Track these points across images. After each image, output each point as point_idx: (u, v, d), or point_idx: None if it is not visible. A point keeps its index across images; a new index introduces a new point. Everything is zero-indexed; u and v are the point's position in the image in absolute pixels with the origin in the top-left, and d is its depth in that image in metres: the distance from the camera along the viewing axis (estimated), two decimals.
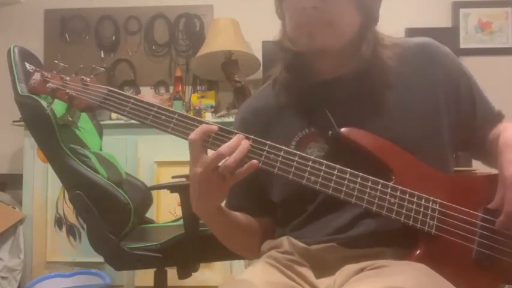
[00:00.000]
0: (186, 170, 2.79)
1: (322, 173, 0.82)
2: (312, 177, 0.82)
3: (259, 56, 2.89)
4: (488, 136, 0.97)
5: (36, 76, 0.93)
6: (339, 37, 0.88)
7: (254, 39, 2.96)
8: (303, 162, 0.83)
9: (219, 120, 2.61)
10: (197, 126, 0.84)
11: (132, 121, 2.88)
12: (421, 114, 0.90)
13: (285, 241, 0.94)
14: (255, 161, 0.80)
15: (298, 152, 0.83)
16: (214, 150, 0.82)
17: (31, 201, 2.62)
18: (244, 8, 3.09)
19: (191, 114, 2.79)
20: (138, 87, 3.14)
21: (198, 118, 0.86)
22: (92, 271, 2.49)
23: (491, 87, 1.00)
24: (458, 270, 0.82)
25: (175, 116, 0.86)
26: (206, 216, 0.92)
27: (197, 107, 2.84)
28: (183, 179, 1.88)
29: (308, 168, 0.82)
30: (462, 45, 3.07)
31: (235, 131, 0.84)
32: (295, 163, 0.82)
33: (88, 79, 0.92)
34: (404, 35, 2.95)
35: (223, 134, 0.84)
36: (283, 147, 0.83)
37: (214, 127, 0.83)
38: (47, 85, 0.92)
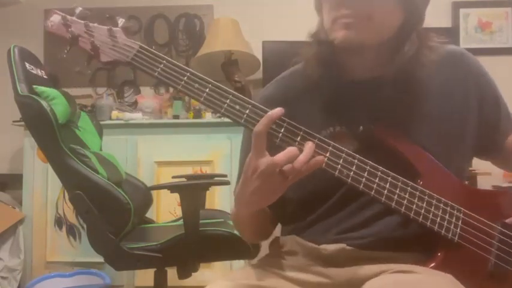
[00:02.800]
0: (186, 170, 2.78)
1: (354, 168, 0.80)
2: (345, 171, 0.79)
3: (259, 56, 2.89)
4: (504, 142, 0.97)
5: (55, 18, 0.81)
6: (378, 33, 0.84)
7: (254, 39, 2.95)
8: (337, 153, 0.79)
9: (219, 120, 2.61)
10: (232, 100, 0.78)
11: (132, 121, 2.87)
12: (451, 125, 0.90)
13: (290, 240, 0.93)
14: (321, 158, 0.76)
15: (332, 143, 0.79)
16: (281, 145, 0.77)
17: (31, 201, 2.62)
18: (244, 8, 3.09)
19: (191, 115, 2.80)
20: (138, 87, 3.14)
21: (233, 91, 0.79)
22: (92, 271, 2.49)
23: None
24: (473, 279, 0.81)
25: (209, 86, 0.79)
26: (248, 212, 0.86)
27: (197, 107, 2.84)
28: (183, 179, 1.88)
29: (341, 161, 0.79)
30: (462, 45, 3.06)
31: (302, 128, 0.79)
32: (328, 153, 0.79)
33: (116, 30, 0.81)
34: None
35: (290, 129, 0.78)
36: (317, 135, 0.79)
37: (278, 111, 0.75)
38: (69, 30, 0.80)
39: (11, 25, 3.24)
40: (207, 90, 0.79)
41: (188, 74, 0.79)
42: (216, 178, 2.21)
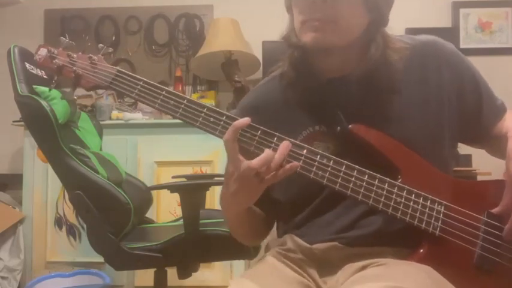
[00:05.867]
0: (186, 170, 2.78)
1: (329, 169, 0.82)
2: (320, 172, 0.82)
3: (259, 56, 2.89)
4: (493, 129, 0.97)
5: (42, 52, 0.89)
6: (344, 35, 0.87)
7: (254, 39, 2.96)
8: (311, 156, 0.82)
9: None
10: (206, 114, 0.83)
11: (132, 121, 2.87)
12: (424, 118, 0.90)
13: (289, 239, 0.94)
14: (296, 163, 0.79)
15: (307, 146, 0.82)
16: (254, 151, 0.81)
17: (31, 201, 2.62)
18: (244, 8, 3.09)
19: None
20: None
21: (207, 105, 0.84)
22: (92, 271, 2.49)
23: (491, 87, 1.00)
24: (459, 273, 0.82)
25: (184, 102, 0.84)
26: (233, 213, 0.91)
27: None
28: (183, 179, 1.88)
29: (316, 163, 0.82)
30: (462, 45, 3.07)
31: (276, 134, 0.82)
32: (303, 157, 0.81)
33: (96, 58, 0.89)
34: None
35: (264, 137, 0.82)
36: (292, 140, 0.82)
37: (245, 121, 0.80)
38: (54, 61, 0.88)
39: (11, 25, 3.24)
40: (182, 106, 0.83)
41: (164, 92, 0.84)
42: (216, 178, 2.21)
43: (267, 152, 0.78)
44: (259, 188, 0.81)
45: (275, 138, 0.82)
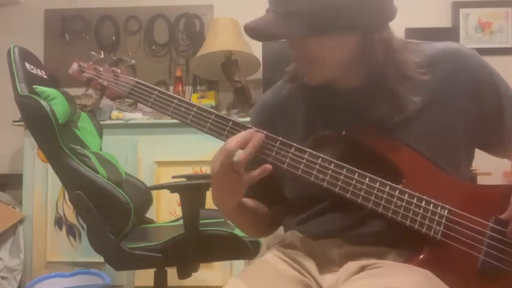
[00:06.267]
0: (186, 170, 2.77)
1: (330, 172, 0.84)
2: (320, 175, 0.84)
3: (259, 56, 2.89)
4: None
5: (75, 66, 1.01)
6: (334, 67, 0.88)
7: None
8: (312, 160, 0.84)
9: None
10: (213, 120, 0.88)
11: (132, 121, 2.87)
12: (439, 125, 0.89)
13: (290, 235, 0.95)
14: (268, 165, 0.82)
15: (308, 150, 0.85)
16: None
17: (31, 201, 2.62)
18: (244, 8, 3.08)
19: None
20: None
21: (216, 112, 0.90)
22: (92, 271, 2.50)
23: None
24: (461, 278, 0.81)
25: (194, 109, 0.91)
26: (225, 210, 0.94)
27: None
28: (183, 179, 1.88)
29: (317, 166, 0.84)
30: None
31: (274, 135, 0.86)
32: (304, 160, 0.84)
33: (119, 70, 0.99)
34: (404, 35, 2.95)
35: (266, 141, 0.86)
36: (294, 144, 0.85)
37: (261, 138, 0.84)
38: (83, 74, 1.00)
39: (11, 25, 3.24)
40: (192, 112, 0.91)
41: (176, 100, 0.92)
42: None
43: (231, 140, 0.82)
44: (238, 186, 0.84)
45: (278, 142, 0.85)
